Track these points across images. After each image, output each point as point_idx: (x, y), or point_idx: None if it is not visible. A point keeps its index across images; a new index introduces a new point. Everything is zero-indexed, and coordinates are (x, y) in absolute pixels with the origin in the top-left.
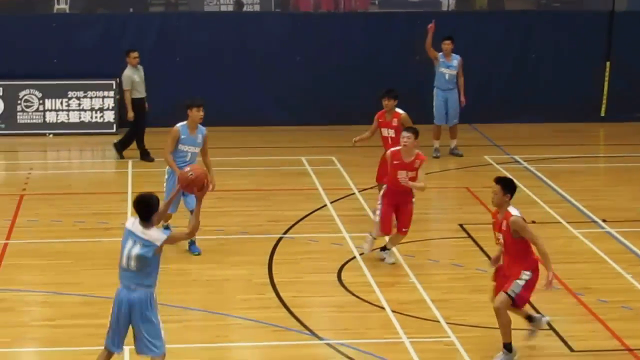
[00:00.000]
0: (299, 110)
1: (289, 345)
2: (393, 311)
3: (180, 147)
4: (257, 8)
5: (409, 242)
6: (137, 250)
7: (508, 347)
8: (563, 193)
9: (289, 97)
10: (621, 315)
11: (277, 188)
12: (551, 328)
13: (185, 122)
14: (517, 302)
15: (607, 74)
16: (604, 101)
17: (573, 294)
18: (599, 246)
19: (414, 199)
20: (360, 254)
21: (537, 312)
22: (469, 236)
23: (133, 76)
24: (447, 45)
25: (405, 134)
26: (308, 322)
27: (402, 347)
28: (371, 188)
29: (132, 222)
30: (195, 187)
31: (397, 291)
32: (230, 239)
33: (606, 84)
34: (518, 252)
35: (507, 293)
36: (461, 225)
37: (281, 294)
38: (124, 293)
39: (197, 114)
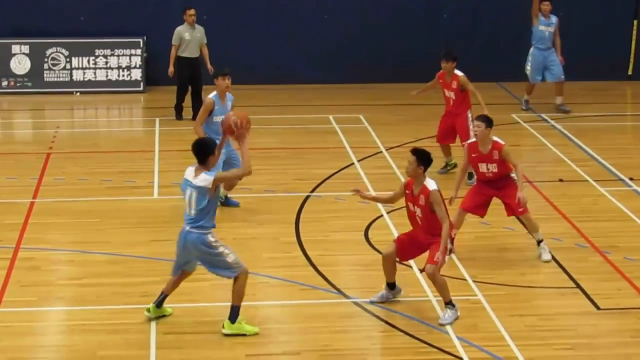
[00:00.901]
0: (328, 68)
1: (316, 303)
2: (420, 270)
3: (215, 119)
4: None
5: None
6: (193, 196)
7: (450, 303)
8: (590, 151)
9: (318, 55)
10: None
11: (304, 146)
12: (577, 286)
13: (215, 92)
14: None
15: (634, 32)
16: (632, 60)
17: (600, 252)
18: (626, 204)
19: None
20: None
21: None
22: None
23: (184, 34)
24: (546, 6)
25: (475, 122)
26: (335, 281)
27: (429, 305)
28: (398, 146)
29: (189, 171)
30: (235, 125)
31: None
32: (258, 198)
33: (633, 42)
34: (436, 223)
35: (434, 262)
36: None
37: (308, 253)
38: (183, 234)
39: (222, 82)
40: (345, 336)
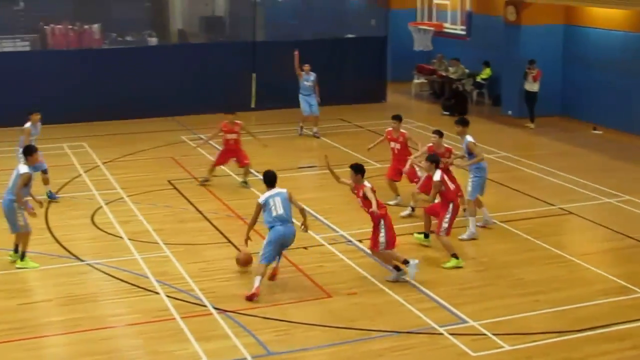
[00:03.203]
0: None
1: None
2: (129, 239)
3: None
4: None
5: (136, 194)
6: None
7: (397, 267)
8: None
9: None
10: None
11: None
12: (229, 241)
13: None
14: (388, 247)
15: (253, 80)
16: (253, 97)
17: (242, 219)
18: (259, 189)
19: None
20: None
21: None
22: (174, 187)
23: None
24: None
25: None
26: (73, 251)
27: (136, 261)
28: (110, 161)
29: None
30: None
31: (130, 226)
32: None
33: (253, 87)
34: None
35: (376, 247)
36: (169, 181)
37: (55, 234)
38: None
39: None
40: None
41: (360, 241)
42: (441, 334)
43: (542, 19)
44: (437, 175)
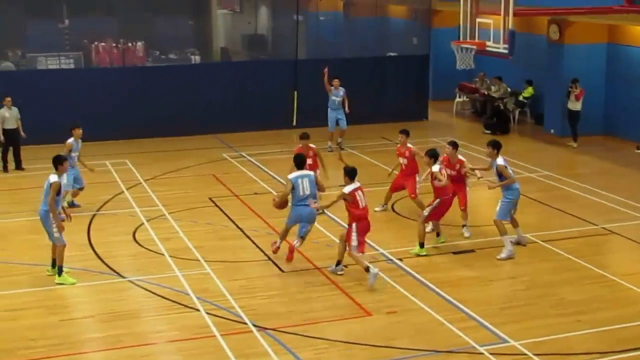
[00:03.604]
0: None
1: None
2: (170, 256)
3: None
4: None
5: (177, 211)
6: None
7: (339, 262)
8: (272, 174)
9: None
10: (312, 247)
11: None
12: (269, 259)
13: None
14: (358, 249)
15: (295, 98)
16: (295, 115)
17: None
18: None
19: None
20: None
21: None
22: (215, 205)
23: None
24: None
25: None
26: (115, 267)
27: (177, 278)
28: (152, 178)
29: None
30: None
31: (171, 243)
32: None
33: (295, 104)
34: (348, 211)
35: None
36: (210, 198)
37: (96, 250)
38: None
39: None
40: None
41: (400, 259)
42: (481, 353)
43: (585, 38)
44: (436, 167)
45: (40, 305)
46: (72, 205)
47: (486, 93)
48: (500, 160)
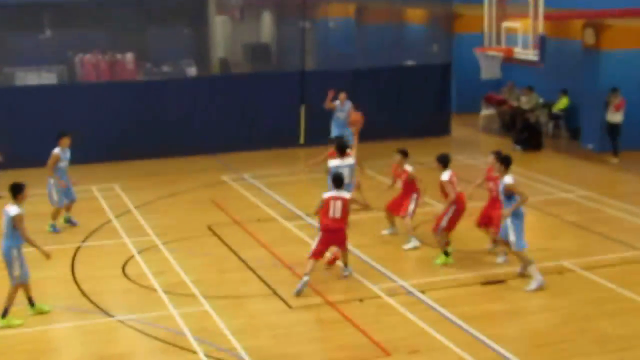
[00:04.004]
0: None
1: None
2: (164, 291)
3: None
4: None
5: (171, 241)
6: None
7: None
8: (278, 198)
9: None
10: (323, 279)
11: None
12: (275, 293)
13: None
14: (312, 255)
15: (302, 114)
16: (302, 133)
17: (289, 268)
18: (306, 233)
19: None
20: None
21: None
22: (214, 234)
23: None
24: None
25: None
26: (102, 305)
27: (171, 316)
28: (143, 205)
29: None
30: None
31: (165, 277)
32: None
33: (302, 121)
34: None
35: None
36: (208, 226)
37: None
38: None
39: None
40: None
41: (422, 292)
42: None
43: (624, 43)
44: (446, 175)
45: (20, 350)
46: (69, 222)
47: (515, 105)
48: (508, 179)
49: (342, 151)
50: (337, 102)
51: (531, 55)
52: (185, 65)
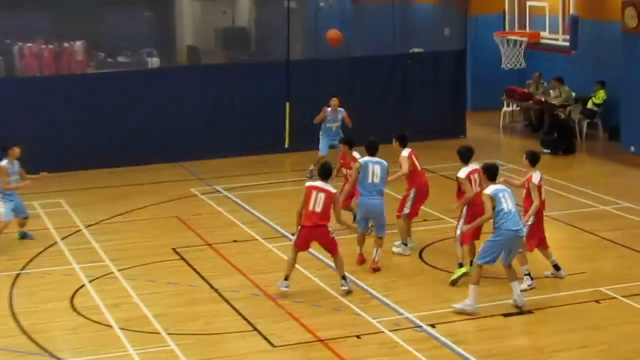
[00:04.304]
0: None
1: None
2: (120, 328)
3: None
4: None
5: (130, 267)
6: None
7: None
8: (258, 214)
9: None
10: (313, 312)
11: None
12: (255, 329)
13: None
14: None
15: (287, 112)
16: (287, 135)
17: (271, 298)
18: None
19: None
20: None
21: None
22: (181, 258)
23: None
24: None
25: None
26: (47, 345)
27: (130, 358)
28: (96, 224)
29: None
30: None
31: (122, 310)
32: None
33: (287, 120)
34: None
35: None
36: (174, 249)
37: (21, 323)
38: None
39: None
40: None
41: (432, 326)
42: None
43: None
44: (462, 172)
45: None
46: (24, 236)
47: (543, 100)
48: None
49: (373, 151)
50: (328, 110)
51: (561, 40)
52: (145, 54)
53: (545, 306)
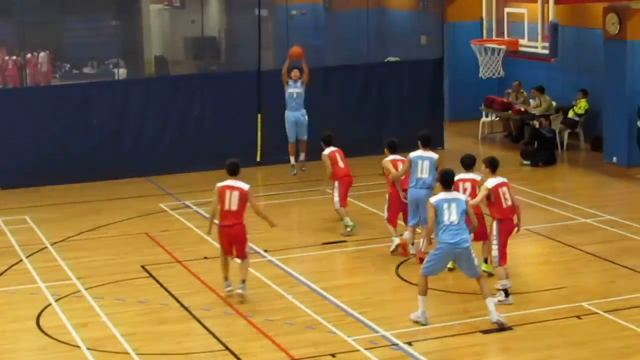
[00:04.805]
0: None
1: None
2: (88, 348)
3: None
4: None
5: (98, 285)
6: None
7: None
8: None
9: None
10: (286, 330)
11: None
12: (227, 348)
13: None
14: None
15: (259, 124)
16: (259, 148)
17: (243, 316)
18: (263, 273)
19: None
20: None
21: None
22: (150, 275)
23: None
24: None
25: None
26: None
27: None
28: (62, 241)
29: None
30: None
31: (90, 330)
32: None
33: (259, 133)
34: None
35: None
36: (143, 267)
37: None
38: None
39: None
40: None
41: (409, 344)
42: None
43: None
44: (490, 182)
45: None
46: None
47: (523, 109)
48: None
49: (426, 143)
50: (290, 79)
51: (540, 47)
52: (112, 65)
53: (525, 322)
